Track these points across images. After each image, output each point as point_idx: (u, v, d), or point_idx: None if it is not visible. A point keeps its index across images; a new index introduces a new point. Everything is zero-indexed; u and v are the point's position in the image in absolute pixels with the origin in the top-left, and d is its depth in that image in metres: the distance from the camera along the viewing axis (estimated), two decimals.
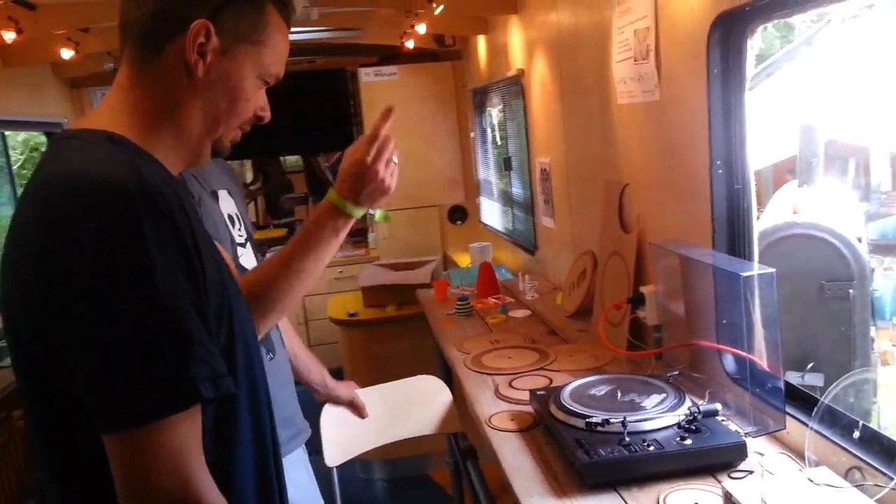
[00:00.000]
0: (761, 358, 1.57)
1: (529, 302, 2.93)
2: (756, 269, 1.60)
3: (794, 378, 2.18)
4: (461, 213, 5.07)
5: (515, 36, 3.40)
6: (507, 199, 4.08)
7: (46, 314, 0.80)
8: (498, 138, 4.17)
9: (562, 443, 1.50)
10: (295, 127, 5.57)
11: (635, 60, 2.01)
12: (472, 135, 4.76)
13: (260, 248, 5.76)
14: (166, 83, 0.91)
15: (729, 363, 1.67)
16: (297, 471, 1.54)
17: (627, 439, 1.42)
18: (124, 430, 0.77)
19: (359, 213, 1.21)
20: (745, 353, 1.52)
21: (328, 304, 3.90)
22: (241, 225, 1.62)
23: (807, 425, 1.37)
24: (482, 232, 4.74)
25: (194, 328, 0.80)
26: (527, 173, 3.48)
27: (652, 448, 1.40)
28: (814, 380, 2.31)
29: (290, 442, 1.52)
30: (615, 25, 2.14)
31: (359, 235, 5.66)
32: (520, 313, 2.79)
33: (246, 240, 1.62)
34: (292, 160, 7.09)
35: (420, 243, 5.03)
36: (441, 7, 3.08)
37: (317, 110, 5.47)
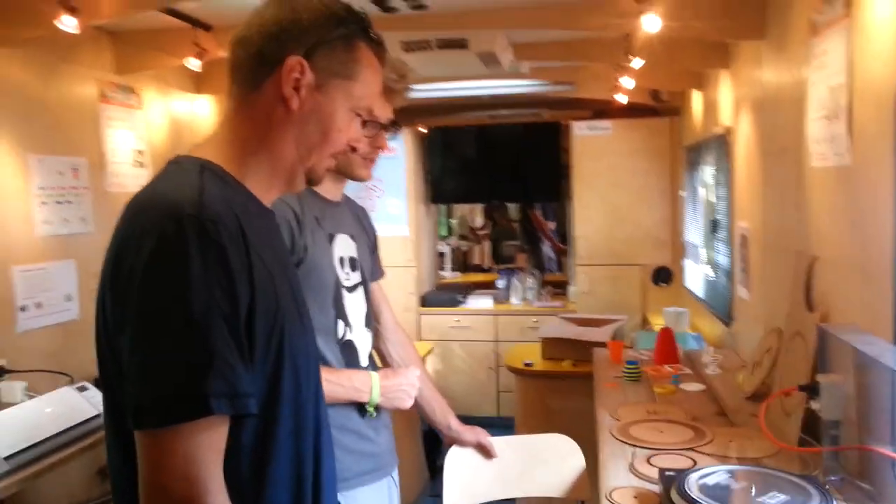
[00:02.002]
0: None
1: (708, 376, 2.69)
2: None
3: None
4: (665, 275, 4.82)
5: (725, 92, 3.21)
6: (710, 263, 3.80)
7: (111, 320, 0.91)
8: (709, 199, 3.93)
9: None
10: (512, 175, 5.74)
11: (828, 120, 1.80)
12: (682, 194, 4.53)
13: (468, 289, 5.84)
14: (264, 115, 1.00)
15: None
16: (377, 500, 1.64)
17: None
18: (146, 429, 0.85)
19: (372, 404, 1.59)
20: None
21: (509, 352, 3.90)
22: (354, 269, 1.66)
23: None
24: (684, 296, 4.46)
25: (221, 345, 0.85)
26: (728, 238, 3.23)
27: None
28: None
29: (372, 473, 1.62)
30: (811, 81, 1.94)
31: (559, 287, 5.61)
32: (693, 387, 2.57)
33: (357, 284, 1.66)
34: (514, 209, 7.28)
35: (619, 301, 4.86)
36: (642, 62, 3.01)
37: (533, 161, 5.59)
